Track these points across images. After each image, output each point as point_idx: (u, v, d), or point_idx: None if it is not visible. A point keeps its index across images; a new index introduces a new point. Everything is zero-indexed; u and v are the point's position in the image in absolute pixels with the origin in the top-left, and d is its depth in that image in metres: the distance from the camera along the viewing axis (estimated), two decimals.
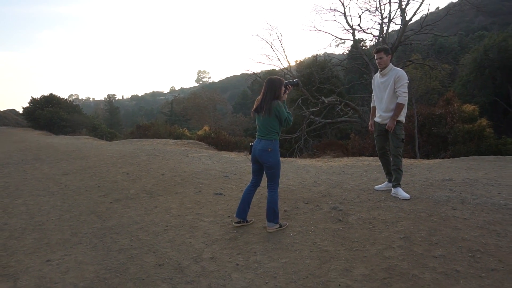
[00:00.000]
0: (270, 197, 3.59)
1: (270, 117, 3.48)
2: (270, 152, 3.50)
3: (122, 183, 6.41)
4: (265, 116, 3.50)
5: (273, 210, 3.58)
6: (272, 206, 3.57)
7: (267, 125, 3.52)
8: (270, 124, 3.51)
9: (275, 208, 3.58)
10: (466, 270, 2.57)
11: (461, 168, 5.49)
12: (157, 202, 5.11)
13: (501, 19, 70.30)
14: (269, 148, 3.49)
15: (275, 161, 3.53)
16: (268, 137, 3.53)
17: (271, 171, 3.56)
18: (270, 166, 3.54)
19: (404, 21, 14.08)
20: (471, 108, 13.29)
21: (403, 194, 4.15)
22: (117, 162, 8.70)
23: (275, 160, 3.53)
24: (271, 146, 3.50)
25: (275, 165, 3.54)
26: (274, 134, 3.53)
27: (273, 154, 3.51)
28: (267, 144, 3.50)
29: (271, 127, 3.51)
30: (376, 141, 4.55)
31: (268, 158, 3.51)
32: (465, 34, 66.42)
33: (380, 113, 4.39)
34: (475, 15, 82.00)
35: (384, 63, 4.31)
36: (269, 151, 3.49)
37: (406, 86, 4.20)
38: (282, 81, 3.57)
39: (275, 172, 3.57)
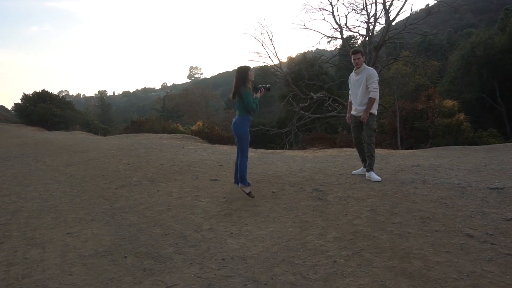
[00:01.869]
0: (240, 163, 4.53)
1: (240, 98, 4.37)
2: (239, 124, 4.47)
3: (124, 172, 6.95)
4: (238, 98, 4.39)
5: (242, 173, 4.50)
6: (240, 170, 4.50)
7: (239, 104, 4.42)
8: (241, 103, 4.39)
9: (243, 172, 4.50)
10: (416, 231, 3.20)
11: (431, 156, 6.15)
12: (158, 187, 5.67)
13: (489, 17, 71.58)
14: (237, 122, 4.48)
15: (241, 132, 4.49)
16: (240, 114, 4.49)
17: (239, 140, 4.53)
18: (237, 135, 4.53)
19: (388, 21, 14.75)
20: (451, 103, 14.03)
21: (375, 177, 4.78)
22: (117, 154, 9.21)
23: (242, 130, 4.48)
24: (239, 120, 4.46)
25: (241, 135, 4.50)
26: (244, 111, 4.45)
27: (241, 126, 4.47)
28: (237, 119, 4.49)
29: (243, 106, 4.40)
30: (353, 131, 5.18)
31: (236, 129, 4.51)
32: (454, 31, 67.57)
33: (356, 107, 5.03)
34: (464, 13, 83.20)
35: (361, 63, 4.94)
36: (237, 123, 4.48)
37: (376, 82, 4.84)
38: (248, 67, 4.45)
39: (241, 141, 4.52)
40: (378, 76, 4.95)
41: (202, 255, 3.18)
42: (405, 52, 24.11)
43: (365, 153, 4.95)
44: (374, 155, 4.87)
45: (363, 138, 5.09)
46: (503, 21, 39.24)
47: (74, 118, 34.37)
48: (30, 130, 26.16)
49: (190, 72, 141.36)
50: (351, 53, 5.08)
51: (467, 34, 55.58)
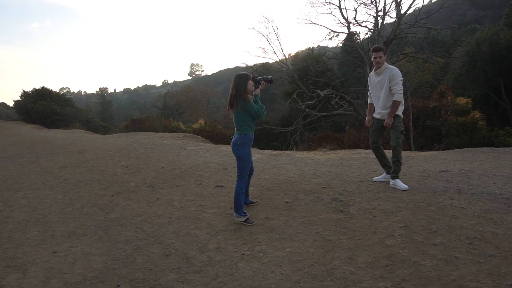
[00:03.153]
0: (235, 188, 3.84)
1: (241, 112, 3.71)
2: (239, 145, 3.75)
3: (122, 176, 6.44)
4: (236, 111, 3.74)
5: (236, 201, 3.81)
6: (235, 197, 3.81)
7: (238, 119, 3.76)
8: (241, 119, 3.75)
9: (238, 199, 3.80)
10: (465, 256, 2.67)
11: (457, 160, 5.62)
12: (158, 194, 5.16)
13: (493, 12, 70.85)
14: (238, 142, 3.75)
15: (242, 154, 3.76)
16: (240, 131, 3.78)
17: (238, 162, 3.81)
18: (238, 157, 3.80)
19: (399, 14, 14.15)
20: (464, 101, 13.46)
21: (402, 185, 4.25)
22: (115, 155, 8.70)
23: (242, 153, 3.76)
24: (240, 140, 3.74)
25: (242, 158, 3.77)
26: (245, 128, 3.75)
27: (241, 148, 3.75)
28: (238, 138, 3.76)
29: (242, 121, 3.75)
30: (371, 135, 4.65)
31: (236, 151, 3.78)
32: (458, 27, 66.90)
33: (379, 110, 4.51)
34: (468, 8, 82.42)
35: (382, 61, 4.40)
36: (238, 144, 3.75)
37: (401, 83, 4.32)
38: (248, 76, 3.79)
39: (241, 164, 3.80)
40: (401, 75, 4.42)
41: (209, 284, 2.67)
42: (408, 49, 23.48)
43: (391, 158, 4.43)
44: (401, 161, 4.34)
45: (381, 143, 4.60)
46: (509, 17, 38.56)
47: (74, 115, 33.86)
48: (30, 128, 25.66)
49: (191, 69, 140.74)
50: (371, 50, 4.50)
51: (471, 30, 54.88)
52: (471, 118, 12.03)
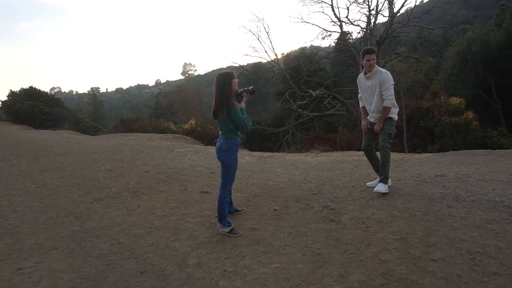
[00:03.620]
0: (219, 197, 3.56)
1: (226, 117, 3.42)
2: (224, 151, 3.46)
3: (104, 181, 6.12)
4: (221, 116, 3.44)
5: (220, 211, 3.54)
6: (219, 206, 3.53)
7: (224, 124, 3.47)
8: (227, 123, 3.46)
9: (221, 209, 3.53)
10: (467, 274, 2.44)
11: (453, 163, 5.40)
12: (140, 201, 4.86)
13: (483, 13, 71.57)
14: (223, 147, 3.46)
15: (228, 160, 3.48)
16: (225, 136, 3.48)
17: (223, 169, 3.54)
18: (223, 164, 3.52)
19: (391, 13, 13.97)
20: (457, 101, 13.33)
21: (381, 188, 4.02)
22: (99, 158, 8.36)
23: (228, 159, 3.48)
24: (226, 145, 3.45)
25: (227, 164, 3.50)
26: (231, 133, 3.47)
27: (227, 153, 3.46)
28: (223, 143, 3.47)
29: (228, 126, 3.46)
30: (364, 137, 4.42)
31: (221, 157, 3.49)
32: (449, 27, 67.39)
33: (372, 115, 4.29)
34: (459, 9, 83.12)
35: (374, 65, 4.15)
36: (223, 149, 3.46)
37: (391, 88, 4.09)
38: (231, 74, 3.49)
39: (226, 171, 3.53)
40: (392, 79, 4.19)
41: None
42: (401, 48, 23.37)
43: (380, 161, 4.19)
44: (388, 164, 4.09)
45: (374, 146, 4.37)
46: (499, 17, 38.93)
47: (63, 116, 33.24)
48: (16, 128, 25.06)
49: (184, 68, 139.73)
50: (363, 52, 4.19)
51: (462, 30, 55.29)
52: (465, 119, 11.89)
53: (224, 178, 3.55)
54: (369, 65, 4.14)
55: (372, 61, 4.13)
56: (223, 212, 3.51)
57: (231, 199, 3.98)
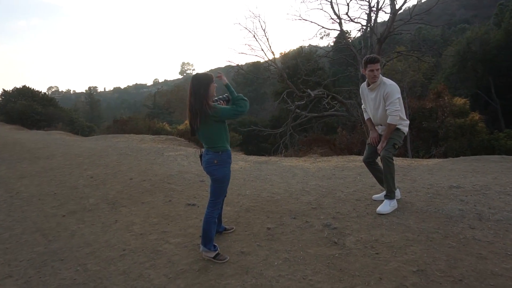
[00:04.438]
0: (205, 216, 3.01)
1: (209, 126, 2.85)
2: (216, 164, 2.93)
3: (83, 189, 5.59)
4: (203, 124, 2.85)
5: (205, 232, 2.98)
6: (205, 227, 2.98)
7: (209, 135, 2.91)
8: (213, 133, 2.90)
9: (207, 230, 2.97)
10: None
11: (466, 171, 4.90)
12: (118, 215, 4.34)
13: (482, 12, 71.50)
14: (214, 160, 2.92)
15: (221, 175, 2.96)
16: (215, 148, 2.93)
17: (215, 185, 3.01)
18: (215, 180, 2.99)
19: (393, 10, 13.48)
20: (461, 101, 12.85)
21: (384, 208, 3.53)
22: (84, 162, 7.83)
23: (222, 174, 2.96)
24: (218, 157, 2.92)
25: (220, 180, 2.98)
26: (221, 143, 2.93)
27: (220, 167, 2.94)
28: (213, 156, 2.93)
29: (215, 136, 2.90)
30: (367, 149, 3.91)
31: (213, 171, 2.95)
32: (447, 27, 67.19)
33: (380, 127, 3.82)
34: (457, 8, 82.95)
35: (378, 75, 3.62)
36: (214, 163, 2.92)
37: (397, 102, 3.56)
38: (210, 77, 2.90)
39: (219, 188, 3.02)
40: (399, 91, 3.67)
41: None
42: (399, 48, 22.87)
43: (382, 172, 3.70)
44: (392, 176, 3.58)
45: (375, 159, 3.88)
46: (498, 17, 38.69)
47: (57, 115, 32.65)
48: (7, 129, 24.46)
49: (182, 68, 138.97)
50: (367, 61, 3.64)
51: (461, 29, 55.05)
52: (470, 120, 11.42)
53: (215, 195, 3.01)
54: (372, 76, 3.60)
55: (376, 72, 3.58)
56: (209, 234, 2.97)
57: (221, 215, 3.47)
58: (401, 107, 3.59)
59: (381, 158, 3.57)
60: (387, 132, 3.61)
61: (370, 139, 3.84)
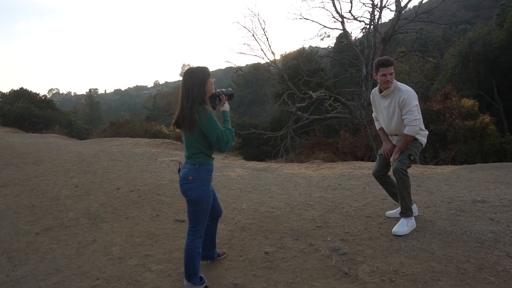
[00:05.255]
0: (186, 246, 2.46)
1: (193, 131, 2.35)
2: (192, 182, 2.37)
3: (65, 201, 5.11)
4: (187, 130, 2.36)
5: (188, 266, 2.43)
6: (187, 260, 2.43)
7: (192, 141, 2.41)
8: (195, 140, 2.39)
9: (190, 264, 2.42)
10: None
11: (488, 181, 4.40)
12: (98, 233, 3.85)
13: (483, 13, 71.29)
14: (189, 176, 2.37)
15: (197, 196, 2.38)
16: (193, 159, 2.40)
17: (190, 208, 2.44)
18: (190, 202, 2.42)
19: (399, 7, 13.00)
20: (470, 103, 12.37)
21: (401, 229, 3.05)
22: (72, 169, 7.35)
23: (198, 194, 2.38)
24: (194, 173, 2.38)
25: (196, 202, 2.40)
26: (200, 156, 2.40)
27: (196, 185, 2.38)
28: (190, 171, 2.39)
29: (196, 144, 2.39)
30: (378, 161, 3.42)
31: (187, 191, 2.39)
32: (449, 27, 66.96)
33: (394, 138, 3.36)
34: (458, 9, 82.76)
35: (392, 80, 3.14)
36: (189, 180, 2.37)
37: (416, 110, 3.08)
38: (206, 71, 2.44)
39: (196, 213, 2.42)
40: (417, 97, 3.17)
41: None
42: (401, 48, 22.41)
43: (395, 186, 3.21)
44: (408, 192, 3.09)
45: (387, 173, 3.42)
46: (500, 17, 38.35)
47: (55, 118, 32.24)
48: (3, 132, 23.99)
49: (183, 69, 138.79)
50: (378, 64, 3.15)
51: (462, 30, 54.75)
52: (480, 123, 10.94)
53: (193, 221, 2.47)
54: (385, 81, 3.13)
55: (390, 77, 3.11)
56: (193, 268, 2.44)
57: (215, 237, 2.93)
58: (419, 116, 3.11)
59: (394, 171, 3.08)
60: (402, 144, 3.12)
61: (384, 150, 3.35)
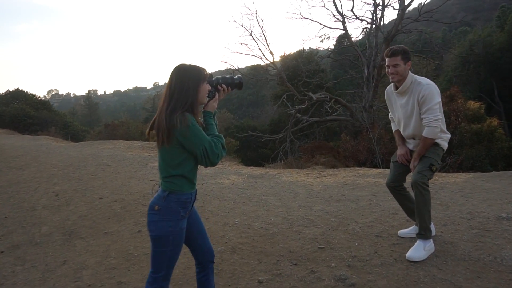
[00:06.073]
0: None
1: (169, 146, 1.73)
2: (157, 213, 1.74)
3: (41, 212, 4.65)
4: (161, 142, 1.73)
5: None
6: None
7: (163, 158, 1.78)
8: (168, 158, 1.76)
9: None
10: None
11: (509, 193, 3.95)
12: (70, 252, 3.40)
13: (483, 15, 71.34)
14: (155, 205, 1.75)
15: (160, 234, 1.73)
16: (164, 184, 1.77)
17: (153, 249, 1.77)
18: (151, 239, 1.77)
19: (402, 6, 12.59)
20: (476, 105, 11.95)
21: (418, 253, 2.60)
22: (57, 174, 6.91)
23: (162, 231, 1.73)
24: (161, 202, 1.74)
25: (158, 241, 1.75)
26: (174, 180, 1.76)
27: (160, 219, 1.73)
28: (158, 198, 1.76)
29: (170, 162, 1.76)
30: (393, 169, 2.95)
31: (150, 223, 1.76)
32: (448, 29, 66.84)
33: (411, 142, 2.90)
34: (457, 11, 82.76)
35: (401, 74, 2.68)
36: (155, 210, 1.75)
37: (437, 109, 2.63)
38: (201, 73, 1.82)
39: (159, 253, 1.76)
40: (439, 92, 2.71)
41: None
42: None
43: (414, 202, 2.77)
44: (428, 209, 2.65)
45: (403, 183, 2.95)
46: (500, 19, 38.21)
47: (51, 119, 31.81)
48: None
49: None
50: (384, 54, 2.77)
51: (462, 32, 54.65)
52: (488, 126, 10.52)
53: (154, 265, 1.78)
54: (391, 73, 2.69)
55: (394, 69, 2.67)
56: None
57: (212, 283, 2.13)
58: (441, 115, 2.67)
59: (413, 184, 2.63)
60: (421, 148, 2.68)
61: (398, 156, 2.90)
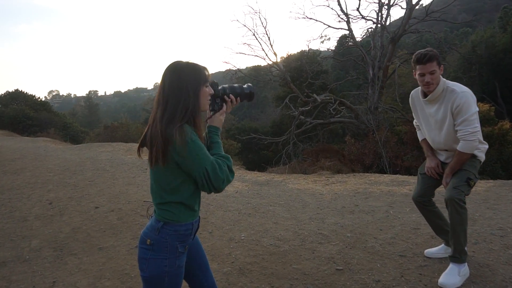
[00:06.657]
0: None
1: (164, 166, 1.37)
2: (150, 248, 1.40)
3: (32, 223, 4.35)
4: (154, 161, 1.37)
5: None
6: None
7: (158, 181, 1.42)
8: (164, 181, 1.40)
9: None
10: None
11: None
12: (60, 271, 3.09)
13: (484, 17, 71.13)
14: (147, 239, 1.41)
15: (152, 274, 1.39)
16: (158, 212, 1.42)
17: None
18: (143, 280, 1.42)
19: (410, 5, 12.28)
20: (486, 107, 11.63)
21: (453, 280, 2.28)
22: (52, 180, 6.61)
23: (155, 271, 1.39)
24: (154, 235, 1.40)
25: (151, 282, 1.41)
26: (170, 207, 1.40)
27: (153, 257, 1.39)
28: (151, 229, 1.42)
29: (165, 187, 1.40)
30: (421, 181, 2.61)
31: (141, 261, 1.42)
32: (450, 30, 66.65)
33: (442, 153, 2.58)
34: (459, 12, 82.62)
35: (437, 81, 2.33)
36: (147, 244, 1.40)
37: (475, 120, 2.31)
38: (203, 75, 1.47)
39: None
40: (476, 101, 2.38)
41: None
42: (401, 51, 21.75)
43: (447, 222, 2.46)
44: (465, 228, 2.32)
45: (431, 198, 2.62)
46: (503, 20, 38.03)
47: (50, 120, 31.58)
48: None
49: None
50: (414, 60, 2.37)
51: (464, 33, 54.54)
52: (499, 129, 10.20)
53: None
54: (424, 83, 2.34)
55: (430, 76, 2.30)
56: None
57: None
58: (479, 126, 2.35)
59: (448, 201, 2.31)
60: (455, 163, 2.36)
61: (427, 169, 2.58)
